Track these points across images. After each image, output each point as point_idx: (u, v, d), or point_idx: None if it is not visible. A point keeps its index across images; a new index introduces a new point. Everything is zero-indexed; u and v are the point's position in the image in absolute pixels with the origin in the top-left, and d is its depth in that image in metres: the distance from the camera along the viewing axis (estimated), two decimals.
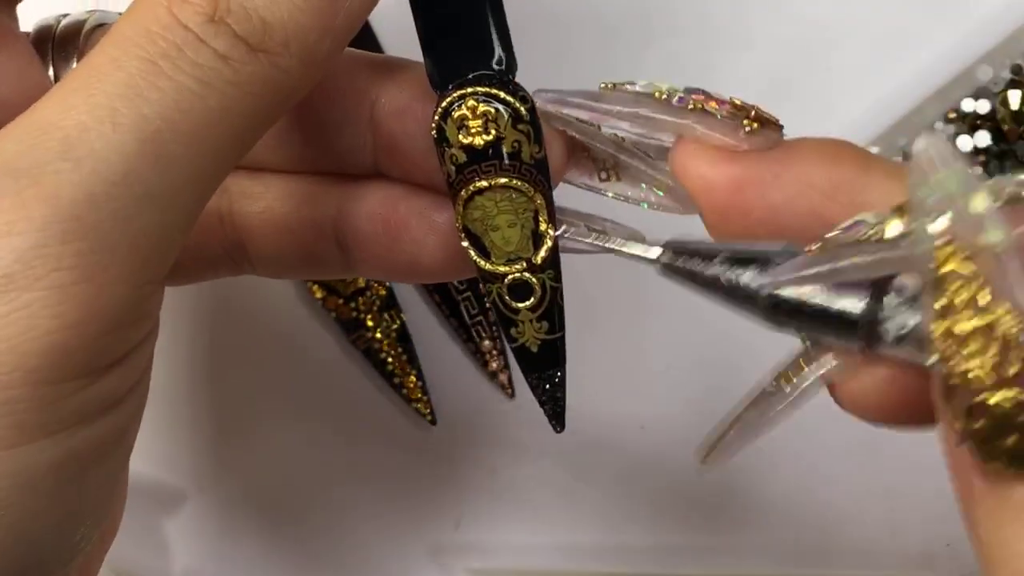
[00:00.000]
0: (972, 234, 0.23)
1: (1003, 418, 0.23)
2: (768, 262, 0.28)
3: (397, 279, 0.50)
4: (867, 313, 0.27)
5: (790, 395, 0.29)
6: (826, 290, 0.27)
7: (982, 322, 0.23)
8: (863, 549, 0.53)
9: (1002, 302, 0.23)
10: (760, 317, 0.28)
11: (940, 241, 0.23)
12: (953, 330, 0.23)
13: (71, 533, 0.29)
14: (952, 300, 0.23)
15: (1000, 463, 0.23)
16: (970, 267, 0.23)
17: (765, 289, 0.28)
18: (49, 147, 0.26)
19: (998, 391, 0.23)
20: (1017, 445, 0.23)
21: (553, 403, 0.35)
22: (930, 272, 0.24)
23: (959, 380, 0.23)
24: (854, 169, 0.29)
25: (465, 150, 0.32)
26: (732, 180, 0.30)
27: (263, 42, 0.28)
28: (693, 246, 0.30)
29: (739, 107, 0.31)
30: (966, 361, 0.23)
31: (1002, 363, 0.23)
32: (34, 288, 0.25)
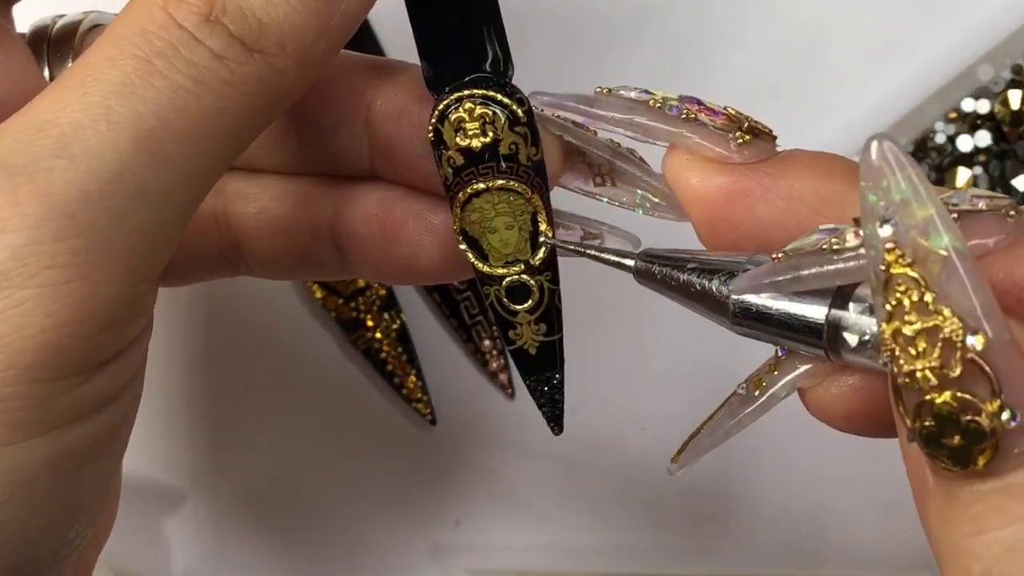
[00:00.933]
0: (918, 238, 0.24)
1: (947, 418, 0.24)
2: (735, 271, 0.29)
3: (393, 281, 0.50)
4: (830, 320, 0.27)
5: (759, 399, 0.30)
6: (791, 298, 0.28)
7: (927, 324, 0.24)
8: (862, 549, 0.53)
9: (946, 305, 0.23)
10: (728, 323, 0.29)
11: (887, 245, 0.24)
12: (901, 331, 0.24)
13: (65, 530, 0.29)
14: (900, 302, 0.24)
15: (945, 462, 0.24)
16: (915, 271, 0.24)
17: (732, 296, 0.28)
18: (44, 144, 0.26)
19: (943, 392, 0.24)
20: (960, 445, 0.24)
21: (552, 406, 0.35)
22: (880, 275, 0.24)
23: (906, 380, 0.24)
24: (844, 184, 0.29)
25: (462, 152, 0.32)
26: (722, 192, 0.30)
27: (259, 42, 0.28)
28: (665, 254, 0.30)
29: (732, 118, 0.31)
30: (912, 362, 0.24)
31: (945, 364, 0.23)
32: (28, 286, 0.25)
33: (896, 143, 0.24)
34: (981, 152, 0.51)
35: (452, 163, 0.32)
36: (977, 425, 0.23)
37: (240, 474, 0.54)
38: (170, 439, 0.54)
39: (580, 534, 0.54)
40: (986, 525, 0.24)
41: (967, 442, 0.24)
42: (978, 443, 0.23)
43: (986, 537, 0.24)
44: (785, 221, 0.29)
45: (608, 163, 0.33)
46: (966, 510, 0.24)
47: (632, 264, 0.31)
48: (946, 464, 0.24)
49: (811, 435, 0.52)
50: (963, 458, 0.24)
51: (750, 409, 0.30)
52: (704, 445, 0.31)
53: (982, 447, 0.23)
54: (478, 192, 0.32)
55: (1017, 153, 0.51)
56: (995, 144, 0.51)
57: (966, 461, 0.24)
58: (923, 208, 0.23)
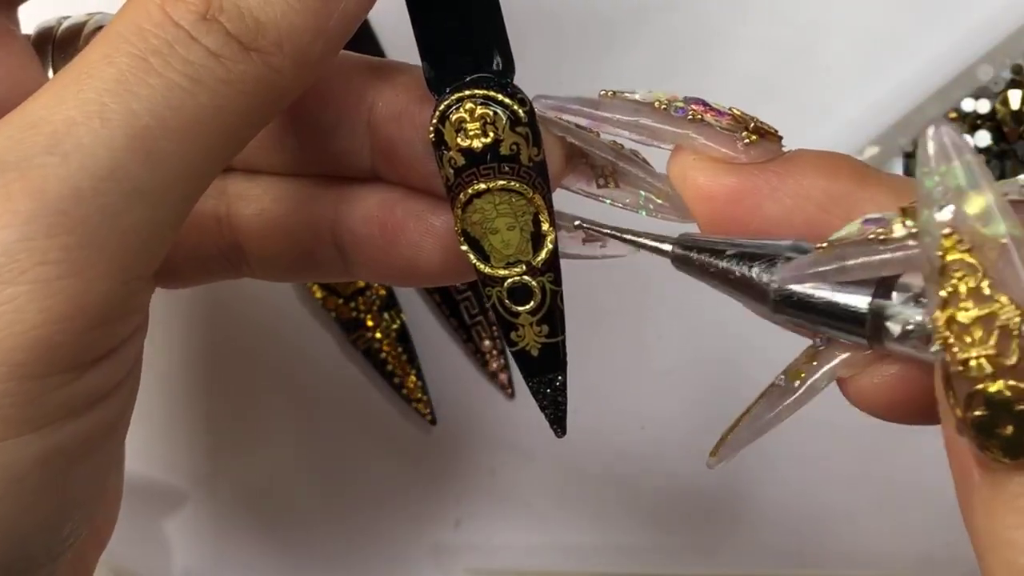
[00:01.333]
0: (976, 225, 0.23)
1: (1001, 407, 0.23)
2: (776, 258, 0.29)
3: (394, 282, 0.50)
4: (874, 309, 0.27)
5: (799, 390, 0.30)
6: (833, 286, 0.28)
7: (983, 311, 0.23)
8: (863, 549, 0.53)
9: (1004, 292, 0.23)
10: (768, 311, 0.29)
11: (945, 231, 0.24)
12: (955, 318, 0.24)
13: (59, 528, 0.29)
14: (955, 289, 0.24)
15: (996, 452, 0.24)
16: (973, 257, 0.23)
17: (774, 284, 0.28)
18: (37, 141, 0.26)
19: (997, 380, 0.23)
20: (1013, 435, 0.23)
21: (555, 408, 0.35)
22: (935, 261, 0.24)
23: (959, 368, 0.24)
24: (851, 183, 0.29)
25: (463, 153, 0.32)
26: (729, 191, 0.30)
27: (255, 41, 0.28)
28: (704, 240, 0.30)
29: (738, 118, 0.31)
30: (967, 350, 0.24)
31: (1002, 352, 0.23)
32: (19, 282, 0.25)
33: (955, 129, 0.24)
34: (981, 152, 0.51)
35: (453, 164, 0.32)
36: None
37: (240, 474, 0.54)
38: (170, 439, 0.54)
39: (580, 534, 0.54)
40: None
41: (1020, 432, 0.23)
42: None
43: None
44: (793, 219, 0.29)
45: (611, 164, 0.33)
46: (1013, 501, 0.24)
47: (670, 250, 0.31)
48: (997, 454, 0.24)
49: (812, 436, 0.52)
50: (1015, 448, 0.23)
51: (790, 400, 0.30)
52: (743, 438, 0.31)
53: None
54: (479, 193, 0.32)
55: (1017, 153, 0.51)
56: (995, 144, 0.51)
57: (1018, 451, 0.23)
58: (982, 195, 0.23)
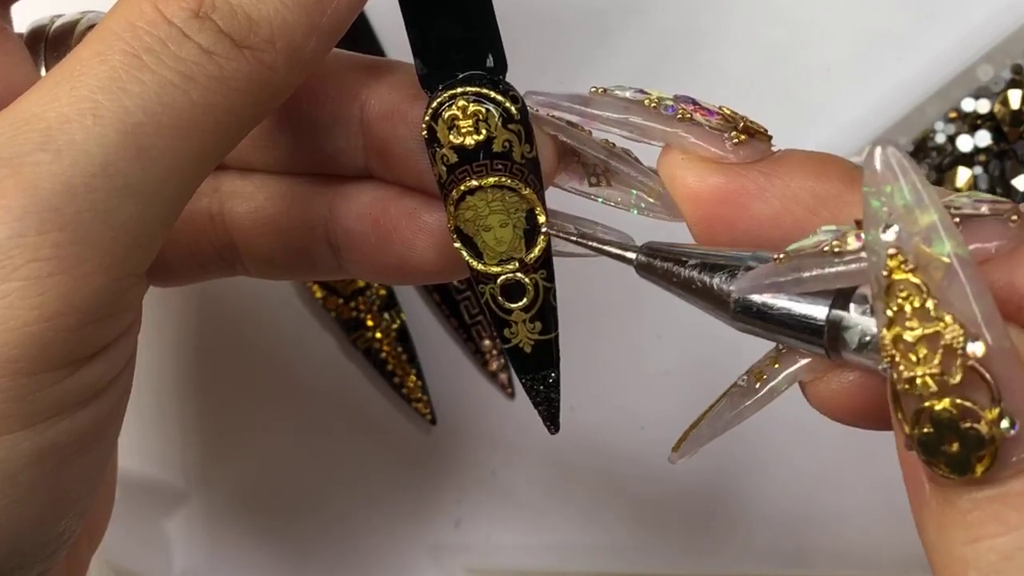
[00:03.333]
0: (920, 244, 0.24)
1: (946, 425, 0.24)
2: (738, 268, 0.29)
3: (388, 280, 0.50)
4: (831, 320, 0.27)
5: (760, 391, 0.30)
6: (792, 297, 0.28)
7: (928, 331, 0.24)
8: (860, 549, 0.53)
9: (948, 311, 0.23)
10: (728, 320, 0.29)
11: (890, 251, 0.24)
12: (902, 337, 0.24)
13: (52, 525, 0.29)
14: (901, 308, 0.24)
15: (943, 469, 0.24)
16: (917, 277, 0.24)
17: (734, 294, 0.28)
18: (30, 137, 0.26)
19: (942, 399, 0.24)
20: (959, 452, 0.24)
21: (548, 404, 0.35)
22: (881, 280, 0.24)
23: (906, 386, 0.24)
24: (839, 184, 0.29)
25: (456, 150, 0.32)
26: (718, 191, 0.30)
27: (248, 38, 0.28)
28: (668, 249, 0.30)
29: (728, 117, 0.31)
30: (912, 368, 0.24)
31: (946, 371, 0.23)
32: (11, 278, 0.25)
33: (900, 148, 0.24)
34: (981, 152, 0.51)
35: (446, 161, 0.32)
36: (976, 432, 0.23)
37: (240, 474, 0.54)
38: (170, 439, 0.54)
39: (580, 534, 0.54)
40: (982, 533, 0.24)
41: (966, 449, 0.23)
42: (977, 450, 0.23)
43: (982, 545, 0.24)
44: (781, 220, 0.29)
45: (603, 163, 0.33)
46: (963, 517, 0.24)
47: (634, 257, 0.31)
48: (944, 471, 0.24)
49: (808, 437, 0.52)
50: (961, 465, 0.24)
51: (750, 401, 0.30)
52: (704, 435, 0.31)
53: (980, 454, 0.23)
54: (472, 190, 0.32)
55: (1017, 153, 0.51)
56: (995, 144, 0.51)
57: (964, 468, 0.24)
58: (926, 214, 0.24)
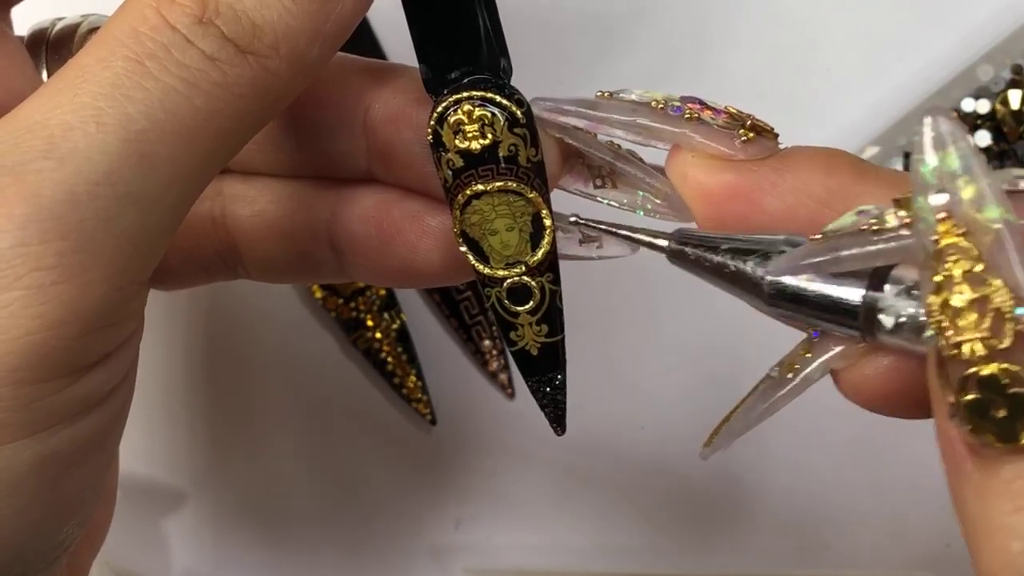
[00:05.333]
0: (971, 210, 0.24)
1: (994, 390, 0.23)
2: (770, 252, 0.29)
3: (391, 284, 0.50)
4: (866, 301, 0.27)
5: (792, 381, 0.29)
6: (827, 279, 0.28)
7: (977, 295, 0.24)
8: (862, 549, 0.53)
9: (997, 276, 0.23)
10: (763, 304, 0.29)
11: (940, 215, 0.24)
12: (949, 302, 0.24)
13: (54, 533, 0.29)
14: (950, 273, 0.24)
15: (989, 436, 0.24)
16: (967, 242, 0.24)
17: (768, 277, 0.28)
18: (33, 145, 0.26)
19: (990, 363, 0.23)
20: (1007, 417, 0.23)
21: (554, 406, 0.35)
22: (930, 245, 0.24)
23: (953, 352, 0.24)
24: (849, 178, 0.29)
25: (462, 155, 0.32)
26: (729, 188, 0.30)
27: (252, 44, 0.28)
28: (699, 235, 0.30)
29: (735, 116, 0.31)
30: (961, 333, 0.24)
31: (995, 335, 0.23)
32: (14, 287, 0.25)
33: (950, 117, 0.24)
34: (981, 152, 0.51)
35: (451, 165, 0.32)
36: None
37: (240, 474, 0.54)
38: (170, 439, 0.54)
39: (580, 534, 0.54)
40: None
41: (1013, 415, 0.23)
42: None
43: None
44: (794, 215, 0.29)
45: (609, 165, 0.33)
46: (1007, 487, 0.24)
47: (666, 245, 0.31)
48: (990, 439, 0.24)
49: (811, 437, 0.52)
50: (1008, 432, 0.24)
51: (783, 392, 0.30)
52: (736, 429, 0.31)
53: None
54: (478, 194, 0.32)
55: (1017, 153, 0.51)
56: (995, 144, 0.51)
57: (1012, 435, 0.24)
58: (976, 181, 0.24)
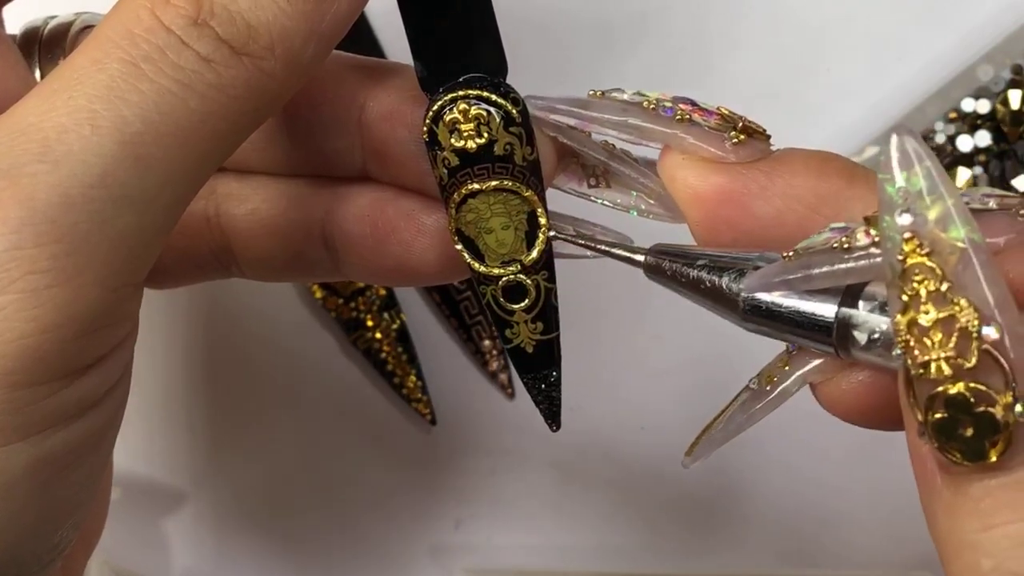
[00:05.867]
0: (936, 229, 0.24)
1: (961, 409, 0.24)
2: (746, 268, 0.29)
3: (386, 282, 0.50)
4: (840, 317, 0.27)
5: (771, 393, 0.30)
6: (801, 295, 0.28)
7: (943, 314, 0.24)
8: (861, 549, 0.53)
9: (963, 295, 0.23)
10: (738, 320, 0.29)
11: (906, 235, 0.24)
12: (916, 321, 0.24)
13: (49, 536, 0.29)
14: (916, 292, 0.24)
15: (956, 455, 0.24)
16: (933, 261, 0.24)
17: (743, 293, 0.28)
18: (27, 148, 0.26)
19: (957, 382, 0.24)
20: (973, 437, 0.24)
21: (549, 403, 0.35)
22: (896, 265, 0.24)
23: (920, 371, 0.24)
24: (840, 182, 0.29)
25: (457, 153, 0.32)
26: (719, 191, 0.30)
27: (247, 45, 0.28)
28: (676, 250, 0.30)
29: (726, 117, 0.31)
30: (927, 352, 0.24)
31: (961, 355, 0.23)
32: (8, 291, 0.25)
33: (916, 136, 0.24)
34: (981, 152, 0.51)
35: (447, 164, 0.32)
36: (990, 416, 0.23)
37: (240, 474, 0.54)
38: (170, 439, 0.54)
39: (580, 534, 0.54)
40: (996, 520, 0.24)
41: (980, 434, 0.23)
42: (991, 435, 0.23)
43: (996, 532, 0.24)
44: (784, 219, 0.29)
45: (603, 164, 0.33)
46: (975, 505, 0.24)
47: (642, 260, 0.31)
48: (957, 457, 0.24)
49: (810, 436, 0.52)
50: (975, 451, 0.24)
51: (762, 404, 0.30)
52: (717, 439, 0.31)
53: (995, 439, 0.23)
54: (473, 193, 0.32)
55: (1017, 153, 0.51)
56: (995, 144, 0.51)
57: (978, 454, 0.24)
58: (941, 200, 0.24)
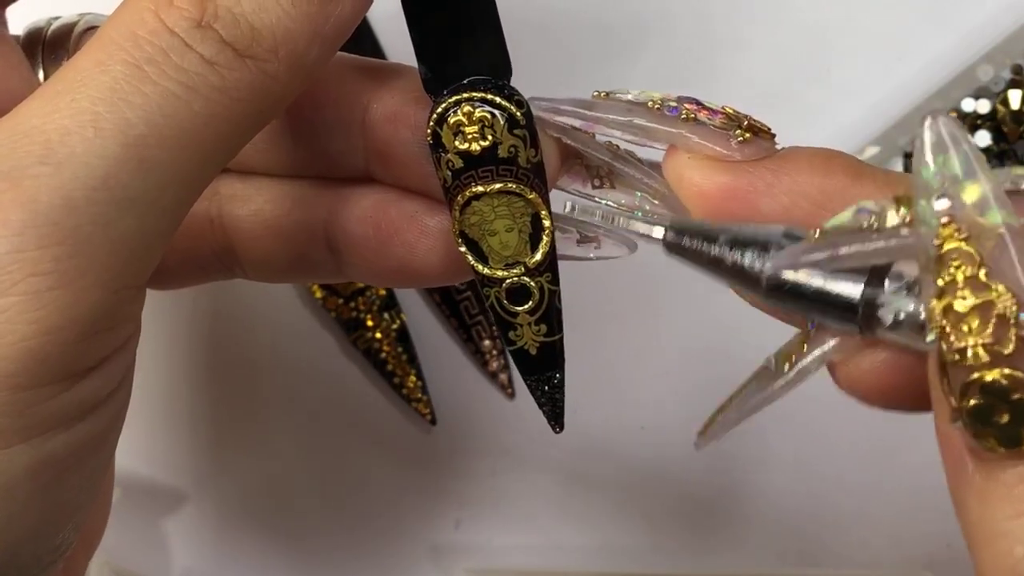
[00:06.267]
0: (973, 214, 0.23)
1: (997, 396, 0.23)
2: (768, 245, 0.29)
3: (389, 284, 0.50)
4: (866, 297, 0.27)
5: (789, 374, 0.29)
6: (826, 274, 0.28)
7: (980, 300, 0.23)
8: (863, 549, 0.53)
9: (1000, 281, 0.23)
10: (761, 298, 0.29)
11: (943, 220, 0.24)
12: (952, 307, 0.24)
13: (50, 537, 0.29)
14: (952, 278, 0.24)
15: (992, 441, 0.24)
16: (970, 246, 0.23)
17: (766, 272, 0.28)
18: (30, 150, 0.26)
19: (993, 369, 0.23)
20: (1009, 423, 0.23)
21: (552, 404, 0.35)
22: (932, 250, 0.24)
23: (956, 357, 0.24)
24: (845, 179, 0.29)
25: (462, 156, 0.32)
26: (725, 190, 0.30)
27: (250, 48, 0.28)
28: (696, 226, 0.30)
29: (731, 116, 0.31)
30: (963, 338, 0.24)
31: (998, 341, 0.23)
32: (10, 293, 0.25)
33: (951, 119, 0.24)
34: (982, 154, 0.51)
35: (451, 166, 0.32)
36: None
37: (240, 474, 0.54)
38: (170, 439, 0.54)
39: (580, 534, 0.54)
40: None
41: (1016, 421, 0.23)
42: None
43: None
44: (790, 216, 0.29)
45: (607, 165, 0.33)
46: (1009, 491, 0.24)
47: (661, 235, 0.30)
48: (992, 444, 0.24)
49: (813, 437, 0.52)
50: (1011, 437, 0.24)
51: (780, 384, 0.30)
52: (731, 419, 0.31)
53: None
54: (477, 195, 0.32)
55: (1017, 153, 0.51)
56: (995, 144, 0.51)
57: (1014, 440, 0.24)
58: (979, 184, 0.24)
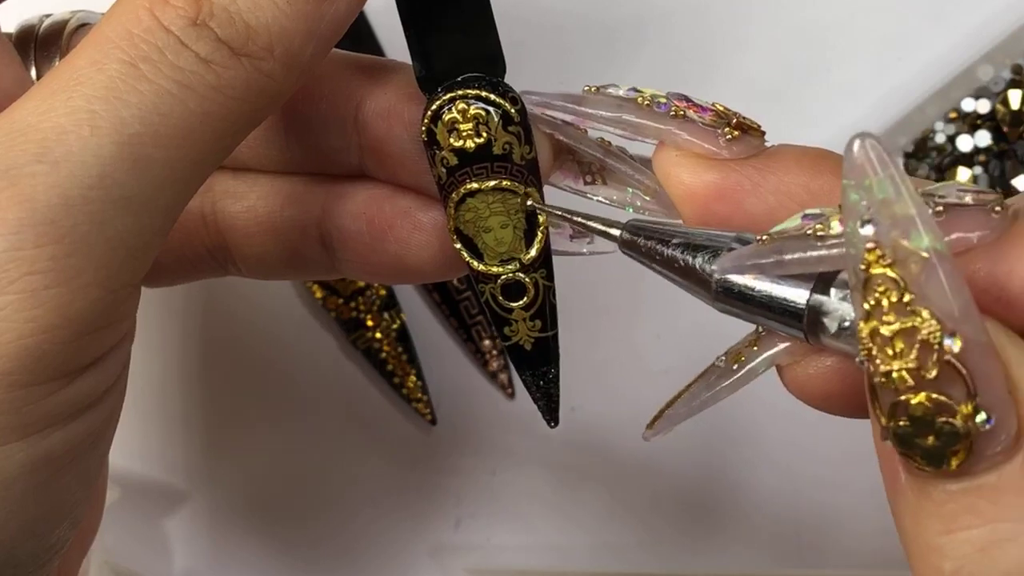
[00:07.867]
0: (898, 239, 0.23)
1: (922, 419, 0.24)
2: (720, 248, 0.29)
3: (383, 280, 0.50)
4: (811, 304, 0.27)
5: (737, 373, 0.30)
6: (774, 279, 0.28)
7: (905, 325, 0.23)
8: (861, 548, 0.53)
9: (925, 306, 0.23)
10: (710, 301, 0.29)
11: (868, 245, 0.24)
12: (879, 331, 0.24)
13: (46, 535, 0.29)
14: (878, 302, 0.24)
15: (918, 461, 0.24)
16: (895, 272, 0.23)
17: (715, 275, 0.28)
18: (26, 149, 0.26)
19: (918, 393, 0.24)
20: (934, 446, 0.24)
21: (547, 399, 0.35)
22: (859, 274, 0.24)
23: (882, 379, 0.24)
24: (832, 179, 0.29)
25: (456, 153, 0.32)
26: (713, 188, 0.30)
27: (246, 46, 0.28)
28: (652, 227, 0.30)
29: (721, 114, 0.31)
30: (889, 362, 0.24)
31: (922, 366, 0.23)
32: (7, 291, 0.25)
33: (879, 141, 0.24)
34: (981, 152, 0.51)
35: (446, 163, 0.32)
36: (951, 427, 0.23)
37: (240, 474, 0.54)
38: (170, 438, 0.54)
39: (580, 534, 0.54)
40: (957, 524, 0.24)
41: (941, 443, 0.24)
42: (951, 444, 0.24)
43: (957, 536, 0.24)
44: (776, 216, 0.29)
45: (599, 161, 0.33)
46: (938, 509, 0.24)
47: (618, 234, 0.31)
48: (919, 464, 0.24)
49: (809, 436, 0.52)
50: (936, 458, 0.24)
51: (728, 382, 0.30)
52: (679, 414, 0.31)
53: (955, 448, 0.24)
54: (472, 192, 0.32)
55: (1017, 153, 0.51)
56: (995, 144, 0.51)
57: (939, 461, 0.24)
58: (904, 207, 0.23)
